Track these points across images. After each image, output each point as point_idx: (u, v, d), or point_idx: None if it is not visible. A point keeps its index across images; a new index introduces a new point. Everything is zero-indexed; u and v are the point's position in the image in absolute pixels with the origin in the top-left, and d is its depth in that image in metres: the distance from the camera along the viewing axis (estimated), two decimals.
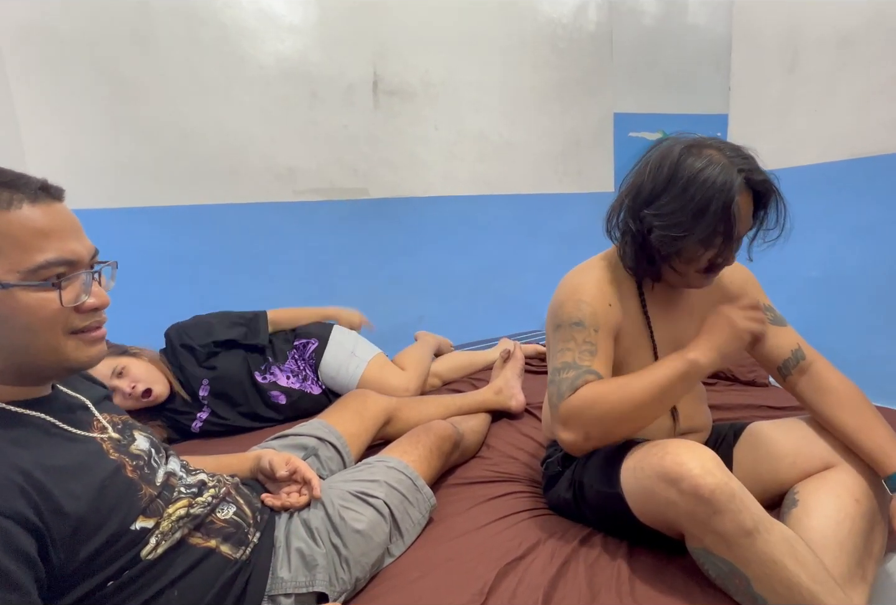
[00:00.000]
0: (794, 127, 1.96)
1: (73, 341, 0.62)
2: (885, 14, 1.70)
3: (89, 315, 0.63)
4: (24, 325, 0.58)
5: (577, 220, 2.61)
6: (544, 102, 2.51)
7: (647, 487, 0.77)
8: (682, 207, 0.83)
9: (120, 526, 0.62)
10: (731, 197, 0.81)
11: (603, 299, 0.91)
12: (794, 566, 0.69)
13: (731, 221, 0.82)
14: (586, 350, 0.88)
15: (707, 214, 0.82)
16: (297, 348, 1.62)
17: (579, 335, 0.89)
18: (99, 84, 1.70)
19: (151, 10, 1.74)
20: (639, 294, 0.95)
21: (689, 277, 0.90)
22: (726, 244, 0.84)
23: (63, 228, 0.60)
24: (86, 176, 1.72)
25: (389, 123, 2.17)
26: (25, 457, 0.57)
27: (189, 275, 1.89)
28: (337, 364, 1.60)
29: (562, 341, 0.90)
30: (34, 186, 0.59)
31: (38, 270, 0.57)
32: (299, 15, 1.96)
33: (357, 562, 0.81)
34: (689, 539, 0.76)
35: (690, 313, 0.99)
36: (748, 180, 0.83)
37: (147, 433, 0.77)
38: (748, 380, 1.61)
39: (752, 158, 0.85)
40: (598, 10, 2.58)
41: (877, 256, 1.74)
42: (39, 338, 0.59)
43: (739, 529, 0.69)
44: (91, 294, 0.62)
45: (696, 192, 0.82)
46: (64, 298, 0.59)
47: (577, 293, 0.92)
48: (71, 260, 0.60)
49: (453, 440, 1.13)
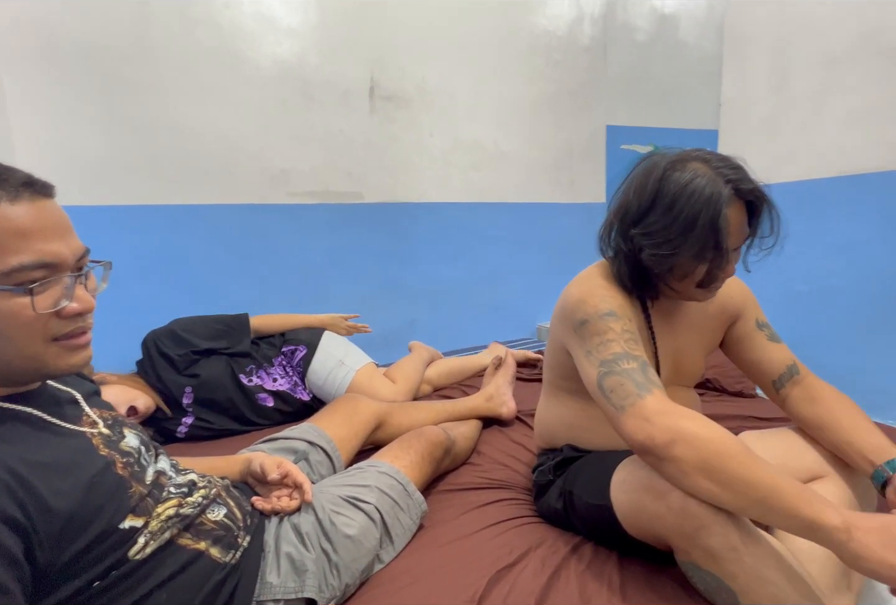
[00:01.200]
0: (782, 144, 2.01)
1: (54, 349, 0.58)
2: (871, 38, 1.75)
3: (71, 321, 0.59)
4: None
5: (569, 229, 2.65)
6: (538, 113, 2.54)
7: (636, 500, 0.78)
8: (670, 225, 0.82)
9: (108, 524, 0.60)
10: (719, 210, 0.79)
11: (619, 297, 0.89)
12: (780, 581, 0.69)
13: (720, 234, 0.80)
14: (630, 339, 0.83)
15: (696, 228, 0.80)
16: (285, 354, 1.59)
17: (616, 325, 0.83)
18: (94, 81, 1.69)
19: (150, 9, 1.73)
20: (641, 303, 0.95)
21: (688, 292, 0.89)
22: (720, 257, 0.82)
23: (44, 228, 0.56)
24: (77, 172, 1.69)
25: (385, 128, 2.18)
26: (11, 453, 0.55)
27: (179, 275, 1.87)
28: (325, 372, 1.57)
29: (596, 335, 0.83)
30: (17, 182, 0.55)
31: (10, 274, 0.53)
32: (298, 18, 1.97)
33: (347, 568, 0.80)
34: (677, 553, 0.76)
35: (690, 326, 0.99)
36: (737, 191, 0.81)
37: (137, 431, 0.75)
38: (736, 391, 1.63)
39: (741, 167, 0.84)
40: (592, 24, 2.63)
41: (862, 271, 1.78)
42: (15, 345, 0.56)
43: (726, 543, 0.69)
44: (73, 298, 0.58)
45: (684, 207, 0.81)
46: (39, 305, 0.55)
47: (597, 289, 0.89)
48: (50, 263, 0.56)
49: (445, 446, 1.13)
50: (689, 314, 0.99)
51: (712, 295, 0.91)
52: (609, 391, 0.78)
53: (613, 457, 0.87)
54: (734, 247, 0.85)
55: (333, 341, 1.65)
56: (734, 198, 0.81)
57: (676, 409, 0.74)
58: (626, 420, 0.75)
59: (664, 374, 0.96)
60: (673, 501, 0.71)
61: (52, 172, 0.62)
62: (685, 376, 1.02)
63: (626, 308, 0.88)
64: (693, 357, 1.01)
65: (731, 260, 0.86)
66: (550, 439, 1.07)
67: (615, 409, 0.77)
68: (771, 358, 0.99)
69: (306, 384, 1.58)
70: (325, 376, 1.56)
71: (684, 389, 1.03)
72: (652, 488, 0.74)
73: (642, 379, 0.78)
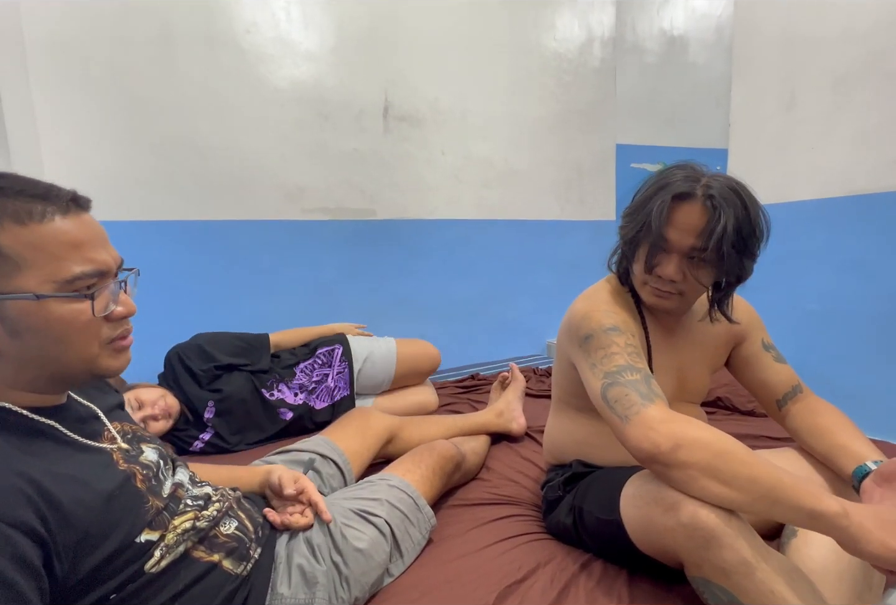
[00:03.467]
0: (792, 163, 2.02)
1: (107, 351, 0.62)
2: (879, 59, 1.77)
3: (119, 324, 0.63)
4: (57, 336, 0.58)
5: (578, 247, 2.66)
6: (549, 132, 2.58)
7: (646, 514, 0.77)
8: (633, 203, 0.91)
9: (125, 538, 0.61)
10: (667, 196, 0.84)
11: (622, 312, 0.93)
12: (792, 598, 0.69)
13: (660, 218, 0.84)
14: (634, 353, 0.85)
15: (644, 208, 0.87)
16: (321, 356, 1.66)
17: (619, 339, 0.86)
18: (120, 101, 1.75)
19: (174, 33, 1.80)
20: (639, 315, 0.98)
21: (642, 277, 0.92)
22: (656, 245, 0.86)
23: (93, 239, 0.60)
24: (101, 188, 1.74)
25: (398, 147, 2.23)
26: (35, 465, 0.56)
27: (196, 289, 1.91)
28: (368, 347, 1.70)
29: (601, 348, 0.86)
30: (65, 198, 0.60)
31: (72, 282, 0.58)
32: (315, 42, 2.03)
33: (357, 581, 0.81)
34: (688, 568, 0.76)
35: (693, 343, 1.01)
36: (700, 189, 0.83)
37: (156, 444, 0.76)
38: (747, 410, 1.62)
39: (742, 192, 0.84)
40: (602, 46, 2.68)
41: (872, 290, 1.77)
42: (73, 348, 0.59)
43: (738, 557, 0.69)
44: (119, 303, 0.63)
45: (647, 188, 0.89)
46: (95, 308, 0.59)
47: (601, 305, 0.93)
48: (102, 271, 0.60)
49: (455, 461, 1.13)
50: (692, 331, 1.02)
51: (663, 301, 0.91)
52: (613, 402, 0.80)
53: (623, 473, 0.88)
54: (676, 242, 0.85)
55: (356, 337, 1.77)
56: (692, 195, 0.83)
57: (678, 416, 0.76)
58: (631, 430, 0.76)
59: (668, 390, 0.97)
60: (683, 514, 0.71)
61: (76, 188, 0.64)
62: (690, 393, 1.03)
63: (629, 324, 0.91)
64: (697, 374, 1.02)
65: (674, 260, 0.86)
66: (560, 454, 1.08)
67: (619, 419, 0.78)
68: (778, 379, 1.01)
69: (353, 373, 1.66)
70: (370, 349, 1.70)
71: (690, 405, 1.04)
72: (662, 501, 0.74)
73: (646, 390, 0.79)
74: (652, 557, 0.82)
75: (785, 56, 2.10)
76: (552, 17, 2.52)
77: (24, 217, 0.56)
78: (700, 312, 1.00)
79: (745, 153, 2.23)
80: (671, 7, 2.82)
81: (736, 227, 0.82)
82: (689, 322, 1.01)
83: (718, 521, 0.70)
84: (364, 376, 1.67)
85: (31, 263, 0.56)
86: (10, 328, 0.56)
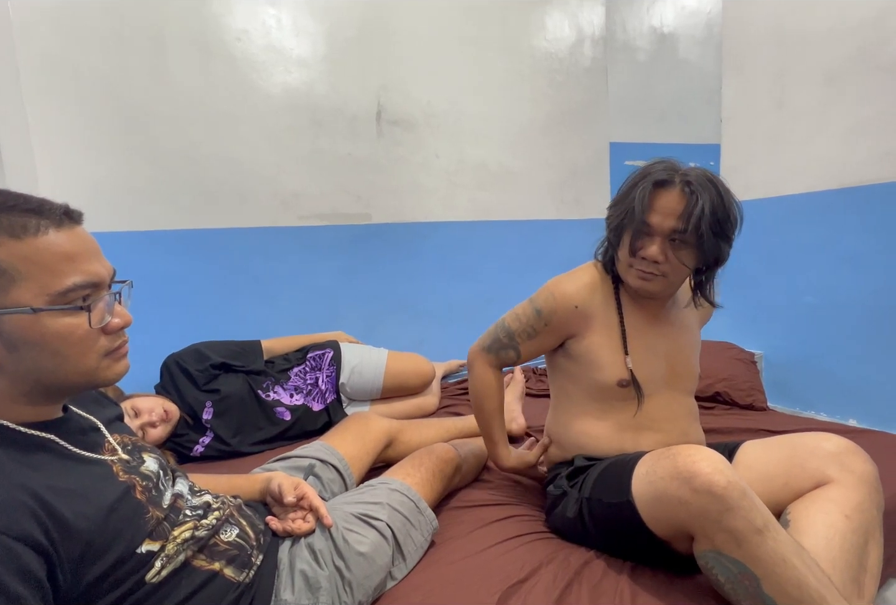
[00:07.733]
0: (784, 158, 2.03)
1: (106, 362, 0.63)
2: (869, 53, 1.78)
3: (116, 336, 0.64)
4: (55, 349, 0.58)
5: (575, 245, 2.65)
6: (542, 133, 2.59)
7: (659, 488, 0.79)
8: (618, 193, 0.99)
9: (126, 549, 0.61)
10: (647, 184, 0.91)
11: (571, 301, 1.02)
12: (802, 567, 0.71)
13: (642, 204, 0.91)
14: (526, 333, 1.07)
15: (628, 197, 0.94)
16: (311, 360, 1.66)
17: (531, 319, 1.06)
18: (113, 112, 1.76)
19: (166, 44, 1.81)
20: (616, 298, 1.04)
21: (627, 271, 0.98)
22: (639, 229, 0.93)
23: (86, 251, 0.61)
24: (95, 200, 1.76)
25: (392, 151, 2.23)
26: (36, 479, 0.56)
27: (192, 297, 1.91)
28: (359, 355, 1.69)
29: (520, 309, 1.09)
30: (58, 211, 0.60)
31: (66, 294, 0.58)
32: (307, 49, 2.04)
33: (360, 585, 0.81)
34: (699, 542, 0.77)
35: (680, 329, 1.06)
36: (678, 177, 0.90)
37: (156, 455, 0.77)
38: (746, 404, 1.63)
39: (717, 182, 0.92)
40: (593, 46, 2.69)
41: (866, 283, 1.78)
42: (71, 361, 0.60)
43: (750, 526, 0.71)
44: (114, 314, 0.63)
45: (631, 179, 0.96)
46: (92, 320, 0.60)
47: (557, 288, 1.04)
48: (96, 282, 0.61)
49: (455, 463, 1.14)
50: (678, 318, 1.07)
51: (646, 284, 0.97)
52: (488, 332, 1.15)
53: (628, 458, 0.91)
54: (658, 226, 0.92)
55: (348, 345, 1.76)
56: (671, 183, 0.91)
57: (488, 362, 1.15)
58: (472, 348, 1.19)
59: (661, 376, 1.02)
60: (699, 484, 0.73)
61: (70, 200, 0.65)
62: (682, 378, 1.06)
63: (558, 315, 1.03)
64: (687, 357, 1.06)
65: (656, 242, 0.93)
66: (561, 450, 1.09)
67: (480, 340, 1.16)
68: None
69: (339, 379, 1.65)
70: (361, 356, 1.69)
71: (683, 396, 1.06)
72: (677, 474, 0.76)
73: (490, 342, 1.12)
74: (661, 538, 0.83)
75: (775, 51, 2.11)
76: (542, 18, 2.53)
77: (19, 231, 0.56)
78: (684, 299, 1.08)
79: (738, 148, 2.24)
80: (661, 5, 2.82)
81: (712, 210, 0.89)
82: (674, 309, 1.07)
83: (732, 490, 0.72)
84: (350, 385, 1.66)
85: (26, 276, 0.56)
86: (6, 342, 0.57)
